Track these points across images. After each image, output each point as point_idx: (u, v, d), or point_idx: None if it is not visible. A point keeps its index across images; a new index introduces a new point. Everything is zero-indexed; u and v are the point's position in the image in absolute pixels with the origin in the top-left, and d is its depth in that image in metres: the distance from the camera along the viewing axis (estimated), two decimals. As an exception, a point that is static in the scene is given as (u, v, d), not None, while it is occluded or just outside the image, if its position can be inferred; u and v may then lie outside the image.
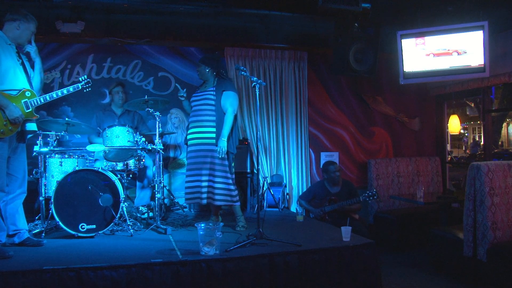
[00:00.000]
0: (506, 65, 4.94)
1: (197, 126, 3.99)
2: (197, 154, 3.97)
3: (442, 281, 3.89)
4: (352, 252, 3.18)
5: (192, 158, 4.01)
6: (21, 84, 3.16)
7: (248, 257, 2.96)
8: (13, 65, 3.13)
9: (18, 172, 3.24)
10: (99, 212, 3.58)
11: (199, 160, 3.95)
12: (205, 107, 3.99)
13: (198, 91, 4.15)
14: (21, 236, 3.25)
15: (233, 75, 5.25)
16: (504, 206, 3.54)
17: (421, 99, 6.27)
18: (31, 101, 3.16)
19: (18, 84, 3.14)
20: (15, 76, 3.13)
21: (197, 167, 3.96)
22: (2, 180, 3.05)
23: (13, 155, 3.20)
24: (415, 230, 5.06)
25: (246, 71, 3.64)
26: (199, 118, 3.99)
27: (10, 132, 3.07)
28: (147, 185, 4.63)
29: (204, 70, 4.06)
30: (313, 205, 4.74)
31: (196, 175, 3.96)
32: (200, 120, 3.98)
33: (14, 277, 2.58)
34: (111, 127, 3.99)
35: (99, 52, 5.11)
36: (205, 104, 3.99)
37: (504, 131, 8.72)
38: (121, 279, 2.70)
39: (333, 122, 5.92)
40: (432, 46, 4.99)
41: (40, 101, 3.21)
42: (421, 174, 5.83)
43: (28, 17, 3.22)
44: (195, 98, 4.08)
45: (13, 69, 3.12)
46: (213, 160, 3.91)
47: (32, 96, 3.18)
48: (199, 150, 3.96)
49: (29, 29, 3.22)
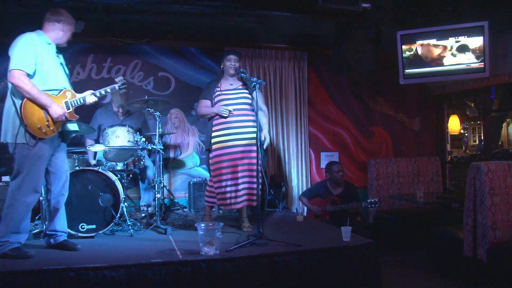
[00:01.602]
0: (506, 65, 4.94)
1: (237, 126, 3.79)
2: (242, 155, 3.78)
3: (442, 281, 3.89)
4: (352, 252, 3.18)
5: (233, 160, 3.78)
6: (62, 84, 3.15)
7: (248, 257, 2.96)
8: (54, 65, 3.12)
9: (61, 170, 3.22)
10: (99, 212, 3.58)
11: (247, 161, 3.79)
12: (244, 106, 3.84)
13: (224, 90, 3.89)
14: (57, 239, 3.22)
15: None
16: (504, 206, 3.54)
17: (421, 99, 6.27)
18: (72, 101, 3.14)
19: (59, 84, 3.13)
20: (56, 76, 3.12)
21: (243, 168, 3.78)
22: (38, 181, 3.01)
23: (55, 153, 3.18)
24: (415, 230, 5.05)
25: (246, 72, 3.64)
26: (239, 118, 3.80)
27: (52, 133, 3.03)
28: (150, 186, 4.61)
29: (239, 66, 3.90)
30: (314, 204, 4.75)
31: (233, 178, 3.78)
32: (241, 121, 3.80)
33: (14, 277, 2.58)
34: (111, 127, 3.99)
35: (99, 52, 5.11)
36: (244, 103, 3.85)
37: (504, 131, 8.70)
38: (121, 279, 2.70)
39: (333, 122, 5.92)
40: (432, 46, 4.99)
41: (80, 102, 3.19)
42: (421, 174, 5.83)
43: (70, 18, 3.21)
44: (225, 96, 3.85)
45: (54, 69, 3.11)
46: (251, 161, 3.79)
47: (73, 96, 3.16)
48: (245, 151, 3.78)
49: (71, 30, 3.22)
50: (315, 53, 5.77)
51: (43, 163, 3.04)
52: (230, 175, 3.79)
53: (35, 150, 2.95)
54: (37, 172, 2.99)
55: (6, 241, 2.93)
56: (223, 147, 3.80)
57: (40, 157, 2.99)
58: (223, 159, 3.81)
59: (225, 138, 3.80)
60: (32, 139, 2.94)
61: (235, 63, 3.89)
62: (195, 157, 5.41)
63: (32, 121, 2.93)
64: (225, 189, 3.80)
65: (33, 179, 2.97)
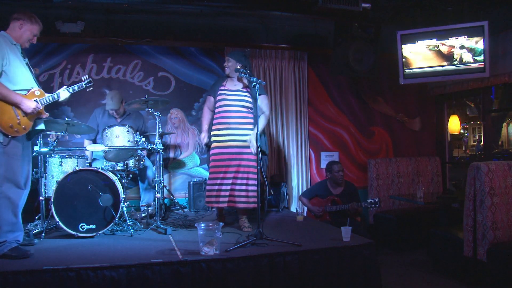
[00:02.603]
0: (506, 65, 4.94)
1: (233, 128, 3.86)
2: (234, 157, 3.84)
3: (442, 281, 3.89)
4: (352, 252, 3.18)
5: (226, 160, 3.85)
6: (30, 84, 3.19)
7: (248, 257, 2.96)
8: (20, 65, 3.15)
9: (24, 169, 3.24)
10: (99, 212, 3.58)
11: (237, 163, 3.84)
12: (242, 108, 3.89)
13: (226, 89, 3.97)
14: None
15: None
16: (504, 206, 3.54)
17: (421, 99, 6.27)
18: (41, 99, 3.18)
19: (27, 84, 3.17)
20: (23, 76, 3.15)
21: (234, 169, 3.83)
22: (20, 178, 3.08)
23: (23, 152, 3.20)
24: (415, 230, 5.05)
25: (246, 73, 3.64)
26: (236, 120, 3.86)
27: (23, 131, 3.09)
28: (150, 186, 4.61)
29: (234, 65, 3.92)
30: (314, 204, 4.75)
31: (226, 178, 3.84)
32: (237, 123, 3.86)
33: (14, 277, 2.58)
34: (111, 127, 3.99)
35: (99, 52, 5.10)
36: (242, 106, 3.90)
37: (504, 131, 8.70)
38: (121, 279, 2.70)
39: (333, 122, 5.92)
40: (432, 46, 4.99)
41: (49, 100, 3.23)
42: (421, 174, 5.83)
43: (33, 19, 3.23)
44: (226, 96, 3.93)
45: (21, 69, 3.14)
46: (249, 163, 3.85)
47: (41, 95, 3.20)
48: (237, 152, 3.84)
49: (31, 30, 3.22)
50: (315, 53, 5.77)
51: (19, 159, 3.09)
52: (221, 174, 3.88)
53: (9, 147, 3.01)
54: (15, 168, 3.05)
55: (4, 241, 2.95)
56: (219, 146, 3.92)
57: (15, 154, 3.05)
58: (217, 158, 3.92)
59: (221, 138, 3.90)
60: (5, 137, 3.00)
61: (227, 63, 3.99)
62: (195, 157, 5.41)
63: (3, 120, 2.98)
64: (212, 187, 3.91)
65: (12, 175, 3.02)
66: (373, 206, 4.47)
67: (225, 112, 3.90)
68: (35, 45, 3.43)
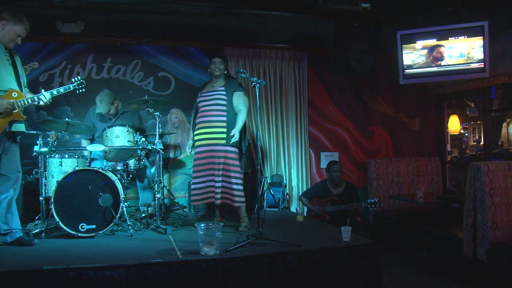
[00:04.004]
0: (506, 65, 4.93)
1: (207, 126, 3.94)
2: (208, 155, 3.93)
3: (442, 281, 3.89)
4: (352, 252, 3.18)
5: (202, 158, 3.95)
6: (8, 85, 3.14)
7: (248, 257, 2.96)
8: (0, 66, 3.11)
9: (11, 172, 3.26)
10: (99, 212, 3.58)
11: (210, 160, 3.92)
12: (216, 107, 3.95)
13: (205, 91, 4.08)
14: (13, 236, 3.26)
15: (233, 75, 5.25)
16: (504, 206, 3.54)
17: (421, 99, 6.27)
18: (18, 101, 3.12)
19: (4, 85, 3.12)
20: (2, 77, 3.11)
21: (209, 167, 3.92)
22: None
23: (5, 155, 3.21)
24: (415, 230, 5.05)
25: (246, 73, 3.64)
26: (209, 118, 3.94)
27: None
28: (148, 186, 4.61)
29: (223, 68, 4.05)
30: (314, 204, 4.75)
31: (207, 175, 3.93)
32: (210, 121, 3.94)
33: (14, 277, 2.58)
34: (111, 127, 3.99)
35: (99, 52, 5.11)
36: (216, 104, 3.95)
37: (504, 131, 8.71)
38: (121, 279, 2.70)
39: (333, 122, 5.92)
40: (432, 47, 4.99)
41: (27, 102, 3.16)
42: (421, 174, 5.83)
43: (17, 19, 3.16)
44: (203, 98, 4.03)
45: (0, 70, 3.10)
46: (227, 161, 3.89)
47: (19, 97, 3.14)
48: (210, 150, 3.92)
49: (14, 31, 3.15)
50: (315, 53, 5.77)
51: None
52: (199, 173, 3.98)
53: None
54: None
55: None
56: (197, 145, 4.04)
57: None
58: (196, 157, 4.04)
59: (198, 137, 4.02)
60: None
61: (219, 65, 4.04)
62: (195, 157, 5.41)
63: None
64: (195, 185, 4.01)
65: None
66: (373, 206, 4.47)
67: (202, 113, 4.02)
68: (35, 45, 3.40)
